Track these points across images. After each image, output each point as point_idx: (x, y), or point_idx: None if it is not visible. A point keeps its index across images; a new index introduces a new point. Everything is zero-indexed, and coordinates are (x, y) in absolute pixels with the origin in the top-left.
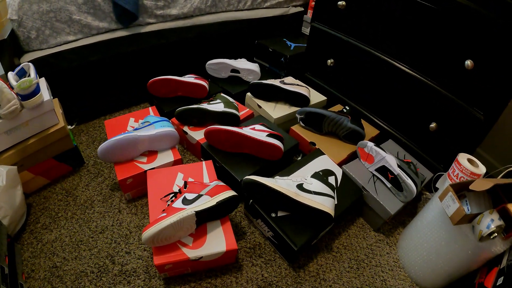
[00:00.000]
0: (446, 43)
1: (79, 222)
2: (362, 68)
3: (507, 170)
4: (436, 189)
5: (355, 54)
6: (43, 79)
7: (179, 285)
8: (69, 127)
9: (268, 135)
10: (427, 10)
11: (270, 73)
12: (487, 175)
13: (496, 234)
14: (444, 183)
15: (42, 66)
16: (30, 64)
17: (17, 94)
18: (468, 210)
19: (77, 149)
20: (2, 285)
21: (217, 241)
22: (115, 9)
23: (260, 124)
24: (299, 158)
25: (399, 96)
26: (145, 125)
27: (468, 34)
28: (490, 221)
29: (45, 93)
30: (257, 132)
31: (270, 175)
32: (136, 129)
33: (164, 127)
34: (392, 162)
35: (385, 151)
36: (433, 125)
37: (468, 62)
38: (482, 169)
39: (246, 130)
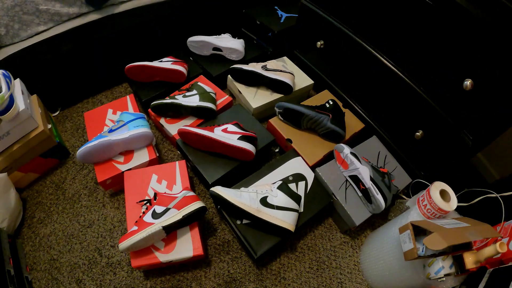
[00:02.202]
0: (447, 55)
1: (69, 216)
2: (352, 59)
3: (485, 196)
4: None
5: (347, 43)
6: (18, 80)
7: (156, 276)
8: (53, 114)
9: (240, 138)
10: (431, 17)
11: (257, 47)
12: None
13: (444, 279)
14: (413, 206)
15: (16, 63)
16: (0, 76)
17: None
18: (422, 251)
19: (60, 144)
20: (10, 286)
21: (185, 247)
22: None
23: (233, 124)
24: (277, 150)
25: (388, 96)
26: (120, 125)
27: (473, 47)
28: (440, 268)
29: (20, 102)
30: (229, 135)
31: (245, 174)
32: (111, 130)
33: (138, 128)
34: (365, 175)
35: (360, 161)
36: (419, 133)
37: (468, 83)
38: (452, 205)
39: (218, 133)
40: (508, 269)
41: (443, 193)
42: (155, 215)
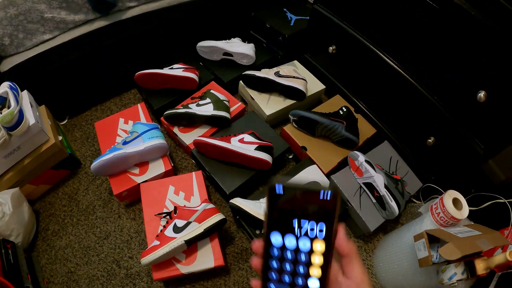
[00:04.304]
0: (461, 65)
1: (85, 228)
2: (366, 66)
3: (493, 201)
4: (425, 201)
5: (360, 50)
6: (25, 92)
7: (176, 286)
8: (61, 123)
9: (257, 148)
10: (445, 27)
11: (268, 51)
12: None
13: (456, 284)
14: (426, 213)
15: (22, 73)
16: (7, 90)
17: (2, 126)
18: (436, 259)
19: (71, 156)
20: None
21: (206, 258)
22: None
23: (249, 134)
24: (291, 157)
25: (401, 103)
26: (134, 136)
27: (486, 58)
28: (453, 274)
29: (29, 115)
30: (246, 146)
31: (261, 182)
32: (125, 142)
33: (152, 139)
34: (379, 182)
35: (375, 170)
36: (430, 140)
37: (481, 95)
38: (464, 213)
39: (235, 144)
40: None
41: (455, 201)
42: (177, 229)
